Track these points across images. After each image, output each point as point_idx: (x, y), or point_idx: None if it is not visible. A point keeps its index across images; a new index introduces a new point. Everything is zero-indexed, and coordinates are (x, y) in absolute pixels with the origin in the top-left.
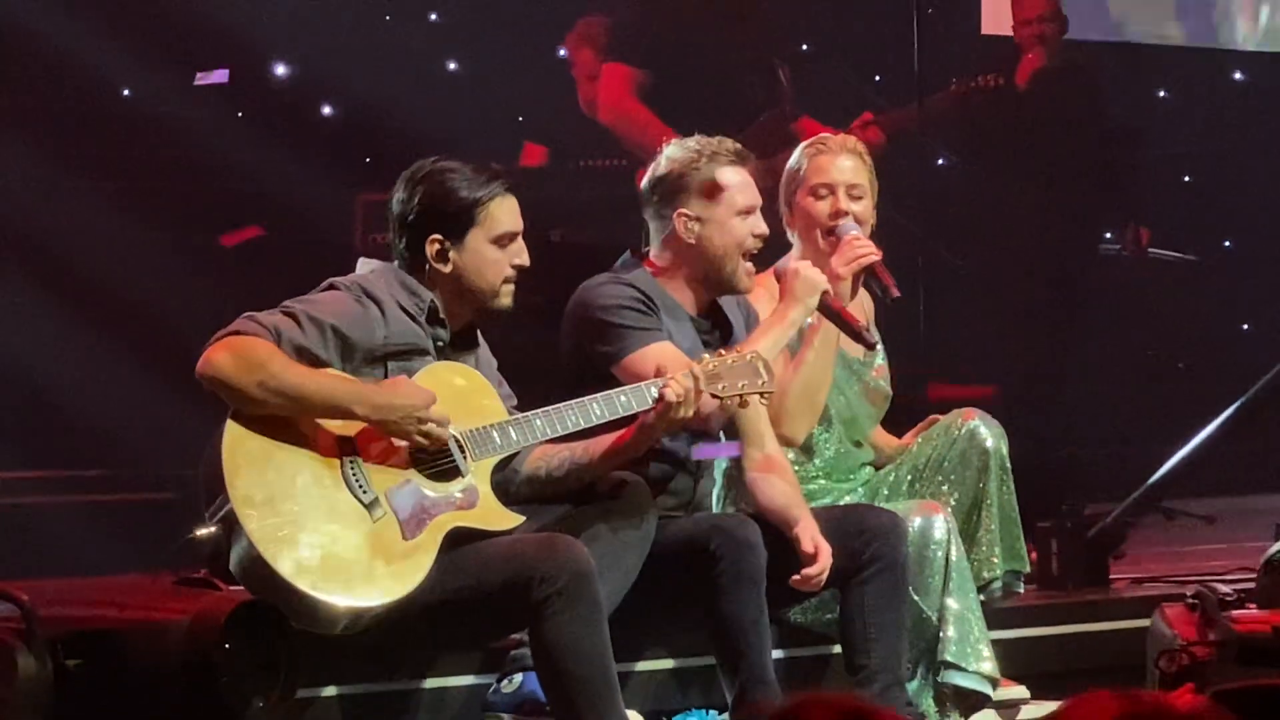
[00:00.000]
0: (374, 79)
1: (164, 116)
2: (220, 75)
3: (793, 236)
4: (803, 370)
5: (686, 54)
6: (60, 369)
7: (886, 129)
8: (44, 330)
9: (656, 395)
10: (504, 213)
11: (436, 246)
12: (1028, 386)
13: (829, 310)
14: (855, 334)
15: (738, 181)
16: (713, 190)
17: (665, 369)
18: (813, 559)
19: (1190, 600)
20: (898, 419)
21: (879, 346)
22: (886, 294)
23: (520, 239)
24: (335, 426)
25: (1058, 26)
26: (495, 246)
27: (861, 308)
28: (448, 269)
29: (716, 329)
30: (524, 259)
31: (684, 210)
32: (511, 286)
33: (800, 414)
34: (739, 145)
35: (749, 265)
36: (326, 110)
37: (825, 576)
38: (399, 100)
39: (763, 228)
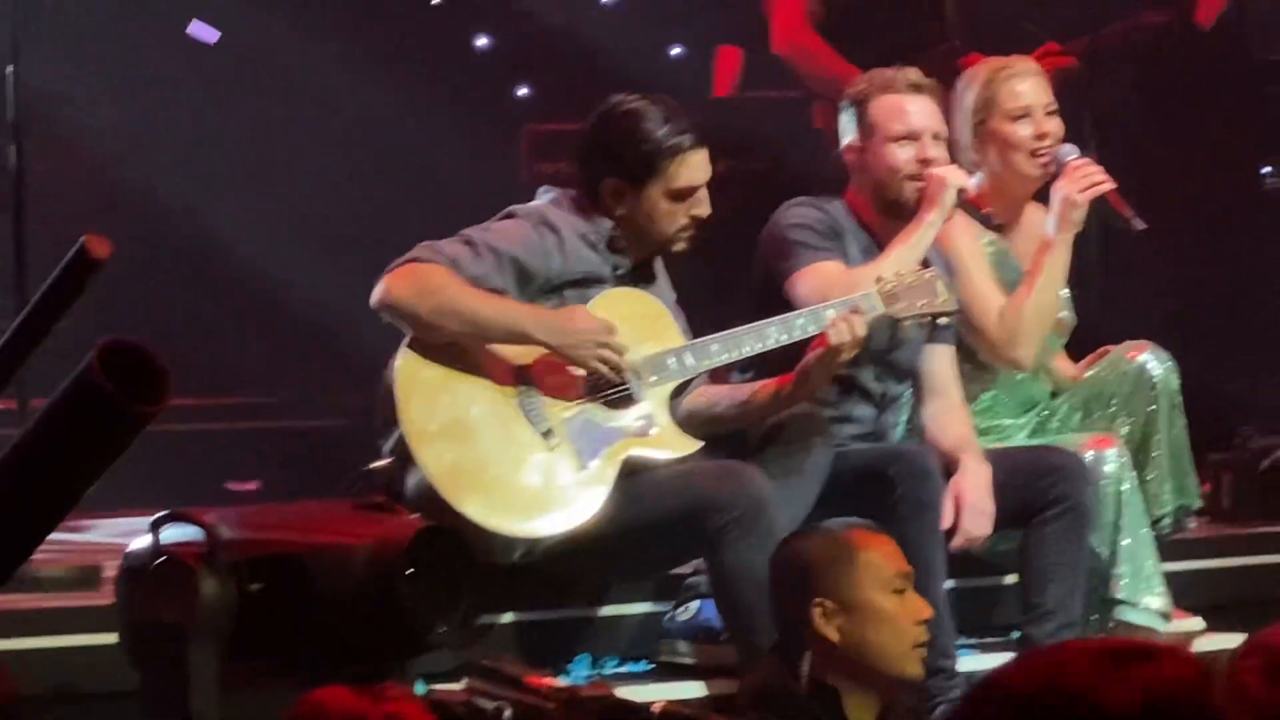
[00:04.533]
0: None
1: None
2: (211, 34)
3: (983, 164)
4: (1035, 291)
5: None
6: (236, 293)
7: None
8: (213, 257)
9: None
10: (688, 168)
11: (614, 188)
12: (1201, 318)
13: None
14: (1124, 220)
15: (888, 108)
16: (866, 122)
17: (828, 290)
18: (955, 526)
19: None
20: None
21: None
22: (1128, 225)
23: (704, 189)
24: (510, 355)
25: None
26: (672, 200)
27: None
28: (621, 211)
29: None
30: (703, 210)
31: (850, 143)
32: (688, 234)
33: (1033, 336)
34: (901, 72)
35: (917, 184)
36: (481, 40)
37: (980, 538)
38: (555, 31)
39: (924, 153)
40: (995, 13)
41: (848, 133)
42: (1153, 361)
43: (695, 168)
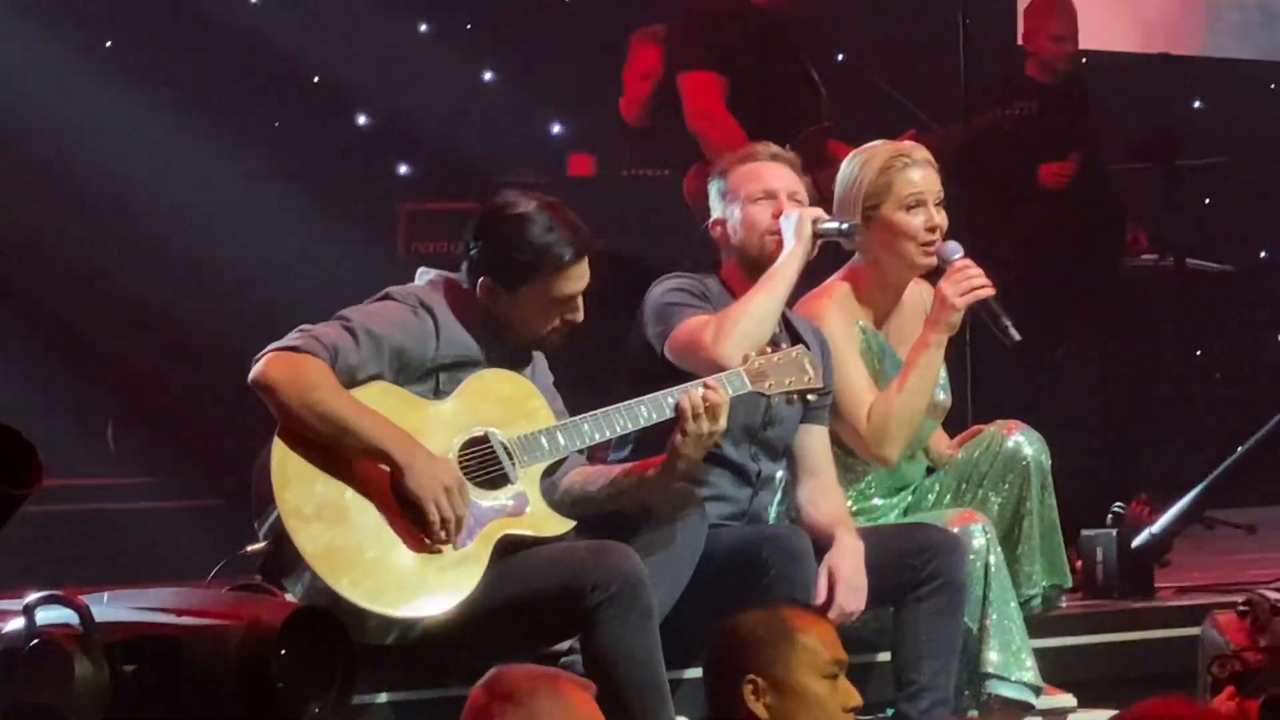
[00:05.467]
0: (409, 88)
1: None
2: None
3: (865, 248)
4: (906, 391)
5: (741, 69)
6: (115, 376)
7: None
8: (95, 337)
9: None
10: (567, 280)
11: (491, 288)
12: (1072, 397)
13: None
14: (1001, 328)
15: (747, 173)
16: (728, 190)
17: (701, 337)
18: (828, 600)
19: (1241, 608)
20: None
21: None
22: (1006, 335)
23: (579, 297)
24: None
25: (1073, 45)
26: (548, 306)
27: (923, 308)
28: (498, 308)
29: (788, 339)
30: (577, 316)
31: (716, 216)
32: (558, 336)
33: (900, 436)
34: (761, 144)
35: (775, 238)
36: (361, 120)
37: (854, 614)
38: (435, 109)
39: (781, 209)
40: (867, 98)
41: (714, 207)
42: (1024, 441)
43: (574, 279)
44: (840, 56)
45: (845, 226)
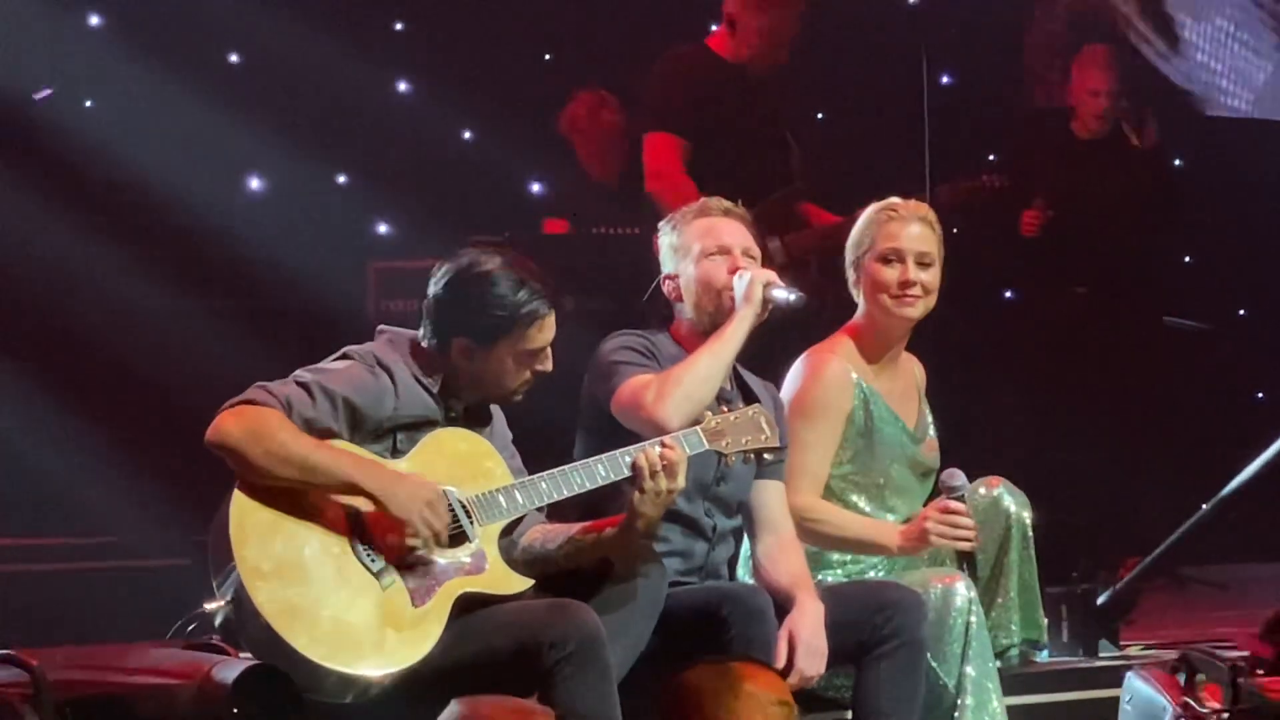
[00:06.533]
0: (383, 145)
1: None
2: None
3: (859, 297)
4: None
5: (711, 130)
6: (71, 437)
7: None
8: (52, 399)
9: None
10: (539, 331)
11: (462, 347)
12: (1040, 453)
13: None
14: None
15: (701, 228)
16: (682, 245)
17: (643, 397)
18: (789, 666)
19: (1174, 664)
20: None
21: (930, 420)
22: (972, 576)
23: (547, 350)
24: (342, 496)
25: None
26: (520, 359)
27: (914, 381)
28: (467, 368)
29: (742, 400)
30: (547, 366)
31: (669, 271)
32: (527, 387)
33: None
34: (715, 199)
35: (729, 295)
36: (342, 179)
37: (814, 678)
38: (410, 169)
39: (736, 265)
40: (839, 165)
41: (667, 262)
42: (1007, 496)
43: (546, 330)
44: (819, 115)
45: (794, 297)
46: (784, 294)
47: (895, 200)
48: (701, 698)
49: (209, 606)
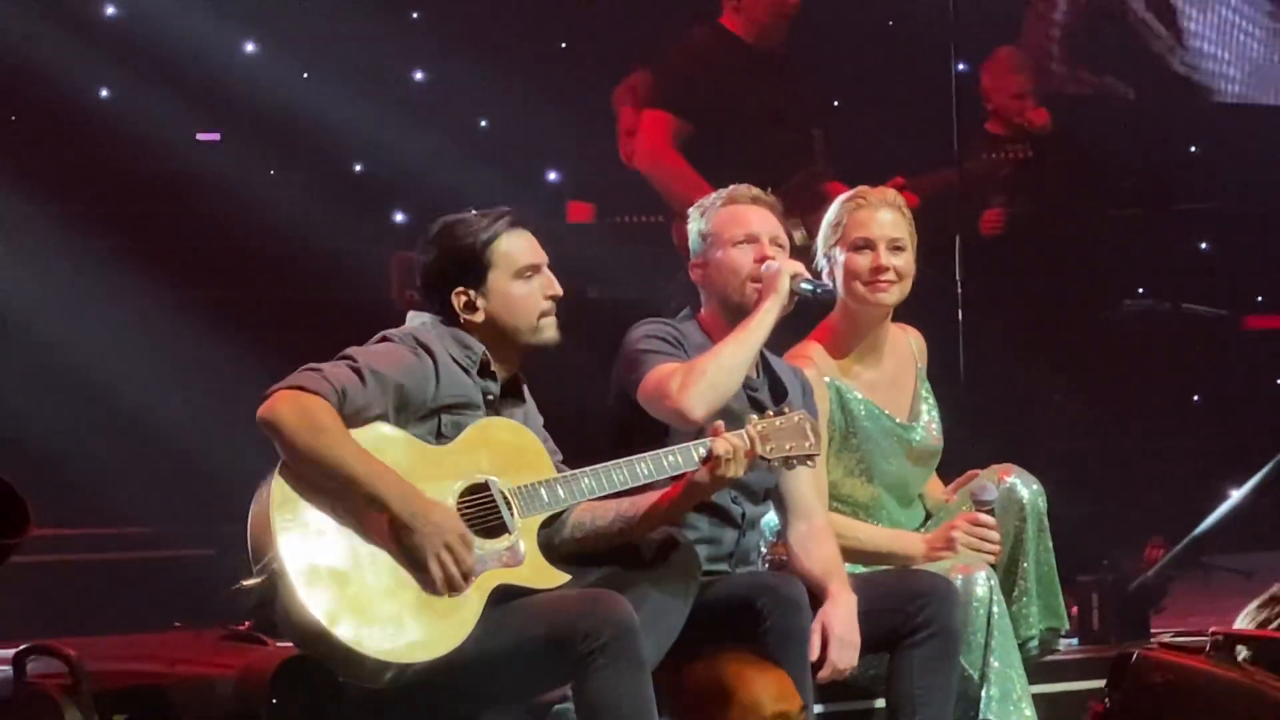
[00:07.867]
0: (405, 135)
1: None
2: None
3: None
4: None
5: (725, 108)
6: (106, 429)
7: (920, 193)
8: (85, 387)
9: (704, 455)
10: (516, 247)
11: (463, 298)
12: (1069, 440)
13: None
14: None
15: (729, 216)
16: (709, 232)
17: (669, 385)
18: (822, 659)
19: None
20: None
21: (928, 401)
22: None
23: (546, 270)
24: None
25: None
26: (520, 281)
27: (911, 353)
28: (480, 317)
29: (769, 387)
30: (555, 289)
31: (695, 259)
32: (551, 319)
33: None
34: (743, 187)
35: (758, 286)
36: (358, 167)
37: (848, 669)
38: (431, 157)
39: (763, 253)
40: (860, 143)
41: (693, 249)
42: (1020, 485)
43: (525, 245)
44: (835, 103)
45: (819, 290)
46: (809, 285)
47: (864, 189)
48: (703, 701)
49: (245, 583)
